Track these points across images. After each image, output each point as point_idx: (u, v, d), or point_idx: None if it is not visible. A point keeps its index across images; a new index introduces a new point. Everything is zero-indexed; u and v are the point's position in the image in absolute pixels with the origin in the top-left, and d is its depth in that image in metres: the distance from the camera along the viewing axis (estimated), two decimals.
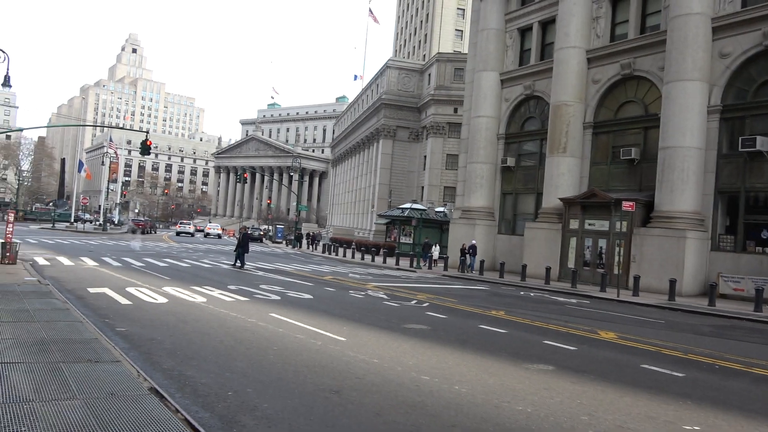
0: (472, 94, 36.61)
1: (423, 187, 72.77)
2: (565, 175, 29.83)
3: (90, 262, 22.89)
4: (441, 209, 52.20)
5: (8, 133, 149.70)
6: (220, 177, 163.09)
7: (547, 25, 33.63)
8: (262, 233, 70.67)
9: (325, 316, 12.45)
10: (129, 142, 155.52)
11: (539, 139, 33.48)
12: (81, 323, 9.44)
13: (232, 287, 16.94)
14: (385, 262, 36.29)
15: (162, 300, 13.50)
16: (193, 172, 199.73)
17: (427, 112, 72.79)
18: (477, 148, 35.51)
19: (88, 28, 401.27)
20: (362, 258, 38.95)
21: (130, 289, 15.13)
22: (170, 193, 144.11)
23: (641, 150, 27.88)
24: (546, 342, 10.89)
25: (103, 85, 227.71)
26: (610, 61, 29.41)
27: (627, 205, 22.70)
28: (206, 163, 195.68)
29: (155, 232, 69.64)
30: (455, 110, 69.31)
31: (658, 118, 26.30)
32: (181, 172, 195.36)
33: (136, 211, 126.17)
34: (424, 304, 15.75)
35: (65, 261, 22.79)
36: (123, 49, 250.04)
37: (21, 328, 8.63)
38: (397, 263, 35.11)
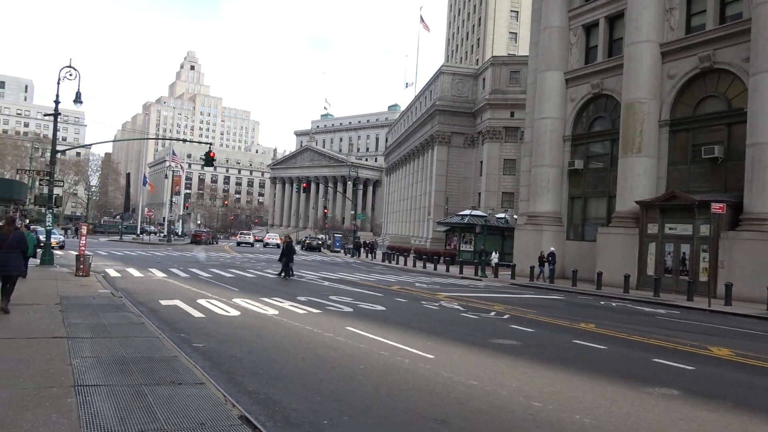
0: (535, 95, 35.29)
1: (480, 194, 71.27)
2: (640, 176, 28.12)
3: (159, 274, 23.02)
4: (502, 215, 50.76)
5: (78, 150, 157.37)
6: (275, 188, 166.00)
7: (615, 20, 32.02)
8: (320, 242, 70.81)
9: (404, 330, 11.71)
10: (189, 156, 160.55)
11: (609, 139, 31.82)
12: (158, 339, 9.05)
13: (302, 298, 16.46)
14: (448, 270, 35.32)
15: (234, 313, 13.10)
16: (250, 184, 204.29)
17: (482, 117, 71.39)
18: (542, 151, 34.15)
19: (150, 49, 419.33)
20: (424, 266, 38.12)
21: (201, 301, 14.85)
22: (229, 204, 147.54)
23: (725, 148, 25.92)
24: (656, 360, 9.76)
25: (164, 102, 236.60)
26: (686, 54, 27.59)
27: (716, 207, 20.95)
28: (262, 175, 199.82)
29: (217, 243, 71.01)
30: (512, 114, 67.72)
31: (745, 113, 24.37)
32: (238, 184, 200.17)
33: (198, 222, 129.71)
34: (505, 316, 14.78)
35: (135, 272, 23.02)
36: (182, 66, 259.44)
37: (100, 345, 8.27)
38: (461, 272, 34.08)
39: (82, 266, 19.76)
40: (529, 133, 37.20)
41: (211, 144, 30.86)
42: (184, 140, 31.50)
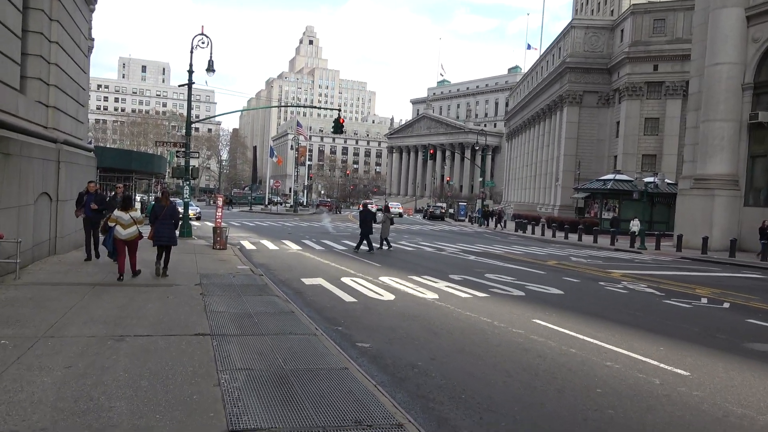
0: (707, 37, 29.89)
1: (616, 157, 64.90)
2: None
3: (293, 246, 21.99)
4: (651, 179, 45.16)
5: (210, 127, 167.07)
6: (392, 157, 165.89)
7: None
8: (443, 211, 68.46)
9: (609, 324, 9.09)
10: (309, 128, 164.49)
11: None
12: (315, 337, 7.22)
13: (455, 277, 14.27)
14: (595, 241, 31.52)
15: (388, 296, 11.17)
16: (367, 154, 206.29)
17: (619, 72, 64.47)
18: (714, 103, 28.96)
19: (271, 27, 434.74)
20: (566, 237, 34.53)
21: (346, 280, 13.15)
22: (350, 174, 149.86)
23: None
24: None
25: (285, 77, 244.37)
26: None
27: None
28: (379, 144, 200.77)
29: (340, 212, 71.25)
30: (655, 68, 60.48)
31: None
32: (356, 154, 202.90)
33: (323, 192, 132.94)
34: (724, 305, 11.58)
35: (269, 245, 22.16)
36: (301, 41, 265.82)
37: (250, 347, 6.56)
38: (612, 243, 30.19)
39: (219, 239, 19.03)
40: (695, 83, 31.89)
41: (339, 110, 29.39)
42: (313, 107, 30.35)
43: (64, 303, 8.40)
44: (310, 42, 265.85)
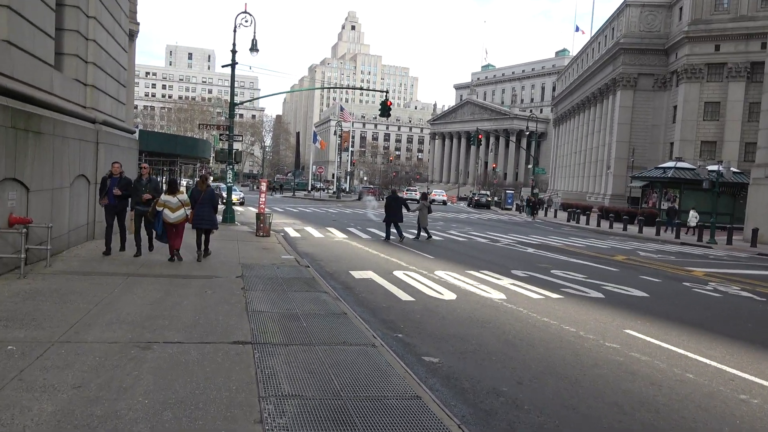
0: None
1: (672, 143, 61.59)
2: None
3: (338, 234, 20.96)
4: (715, 167, 42.29)
5: (254, 113, 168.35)
6: (435, 143, 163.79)
7: None
8: (488, 199, 66.47)
9: (718, 339, 7.62)
10: (351, 114, 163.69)
11: None
12: (375, 349, 6.05)
13: (519, 273, 12.89)
14: (658, 233, 29.44)
15: (448, 295, 9.92)
16: (410, 140, 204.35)
17: (677, 53, 60.94)
18: None
19: (314, 12, 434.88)
20: (624, 228, 32.42)
21: (398, 274, 11.97)
22: (393, 160, 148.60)
23: None
24: None
25: (327, 63, 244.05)
26: None
27: None
28: (421, 131, 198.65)
29: (383, 199, 70.07)
30: (716, 48, 56.85)
31: None
32: (398, 141, 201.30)
33: (365, 179, 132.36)
34: None
35: (314, 232, 21.18)
36: (343, 27, 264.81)
37: (298, 361, 5.43)
38: (677, 236, 28.08)
39: (262, 225, 18.14)
40: None
41: (387, 92, 28.09)
42: (358, 88, 29.15)
43: (90, 297, 7.48)
44: (353, 27, 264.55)
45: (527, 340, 7.13)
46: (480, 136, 50.37)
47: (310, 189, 72.84)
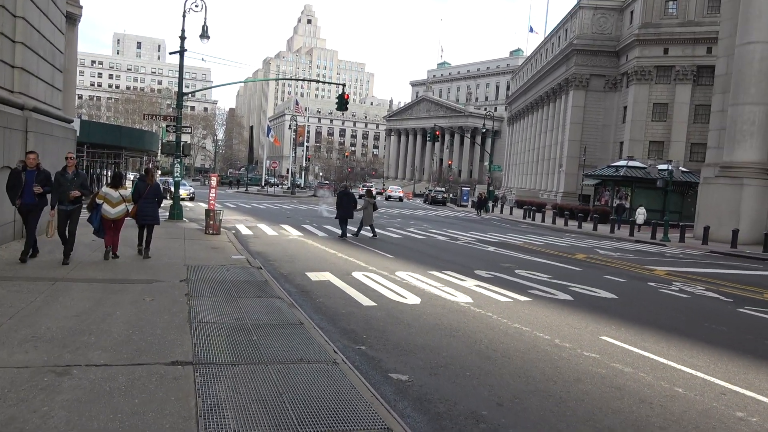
0: (739, 13, 27.81)
1: (622, 143, 63.11)
2: None
3: (293, 232, 20.07)
4: (665, 167, 43.32)
5: (206, 106, 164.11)
6: (390, 140, 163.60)
7: None
8: (445, 196, 66.41)
9: (697, 346, 7.24)
10: (306, 109, 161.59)
11: None
12: (336, 366, 5.32)
13: (483, 273, 12.40)
14: (612, 231, 29.71)
15: (412, 299, 9.28)
16: (365, 136, 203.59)
17: (628, 56, 62.39)
18: (746, 85, 26.97)
19: (268, 5, 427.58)
20: (579, 226, 32.64)
21: (358, 275, 11.28)
22: (349, 156, 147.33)
23: None
24: None
25: (283, 57, 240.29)
26: None
27: None
28: (377, 127, 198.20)
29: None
30: (665, 51, 58.49)
31: None
32: (353, 136, 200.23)
33: (321, 174, 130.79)
34: None
35: (267, 230, 20.23)
36: (299, 21, 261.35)
37: (248, 387, 4.64)
38: (632, 234, 28.37)
39: (212, 222, 17.10)
40: (723, 63, 29.89)
41: (344, 85, 27.28)
42: (318, 81, 28.22)
43: (5, 309, 6.47)
44: (309, 21, 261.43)
45: (502, 350, 6.55)
46: (438, 133, 50.11)
47: (263, 184, 71.21)
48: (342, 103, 25.88)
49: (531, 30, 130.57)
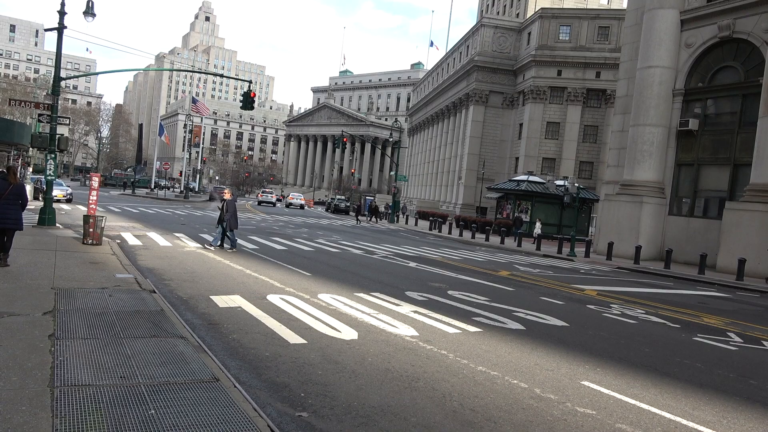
0: (641, 38, 28.95)
1: (518, 158, 65.51)
2: None
3: (189, 242, 17.70)
4: (562, 182, 44.85)
5: (90, 100, 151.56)
6: (290, 145, 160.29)
7: None
8: (348, 204, 65.04)
9: (688, 390, 6.27)
10: (207, 109, 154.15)
11: (739, 94, 25.75)
12: None
13: (414, 295, 11.05)
14: (520, 245, 29.78)
15: (348, 332, 7.67)
16: (263, 141, 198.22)
17: (525, 75, 64.99)
18: (646, 107, 28.08)
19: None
20: (486, 239, 32.54)
21: (274, 299, 9.50)
22: (247, 160, 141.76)
23: None
24: None
25: (177, 53, 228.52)
26: None
27: None
28: (276, 132, 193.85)
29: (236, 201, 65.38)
30: (559, 73, 61.52)
31: None
32: (251, 140, 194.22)
33: (217, 178, 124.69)
34: (765, 344, 9.30)
35: (159, 240, 17.69)
36: (196, 17, 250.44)
37: None
38: (538, 248, 28.53)
39: (92, 230, 14.47)
40: (624, 85, 31.07)
41: (250, 82, 25.06)
42: (221, 75, 25.76)
43: None
44: (207, 18, 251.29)
45: (481, 410, 5.15)
46: (345, 140, 48.74)
47: (153, 187, 66.03)
48: (247, 101, 23.73)
49: (432, 44, 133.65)
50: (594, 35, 61.01)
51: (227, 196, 17.37)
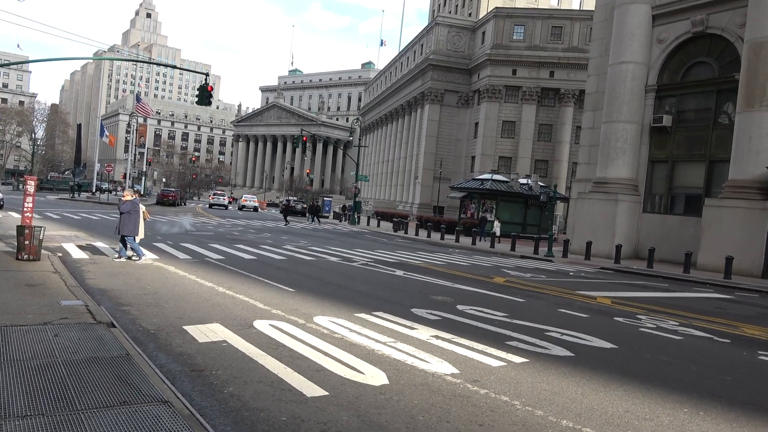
0: (612, 34, 28.35)
1: (474, 157, 65.15)
2: None
3: (147, 254, 15.53)
4: (525, 181, 44.34)
5: (22, 99, 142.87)
6: (239, 146, 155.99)
7: None
8: (304, 206, 62.92)
9: None
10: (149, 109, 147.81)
11: (713, 90, 25.43)
12: None
13: (422, 313, 9.46)
14: (493, 246, 28.70)
15: (373, 374, 6.01)
16: (210, 141, 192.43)
17: (480, 74, 64.67)
18: (618, 104, 27.48)
19: None
20: (457, 240, 31.32)
21: (263, 327, 7.72)
22: (195, 161, 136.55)
23: None
24: None
25: (117, 50, 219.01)
26: None
27: None
28: (223, 132, 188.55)
29: (185, 204, 62.25)
30: (514, 72, 61.44)
31: None
32: (197, 141, 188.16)
33: (163, 180, 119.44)
34: None
35: (109, 252, 15.47)
36: (137, 13, 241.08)
37: None
38: (513, 248, 27.42)
39: (27, 243, 12.22)
40: (594, 82, 30.48)
41: (207, 75, 22.88)
42: (175, 67, 23.68)
43: None
44: (148, 15, 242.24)
45: None
46: (305, 138, 46.70)
47: (95, 190, 61.97)
48: (204, 95, 21.62)
49: (382, 44, 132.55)
50: (548, 35, 61.12)
51: (126, 197, 14.26)
